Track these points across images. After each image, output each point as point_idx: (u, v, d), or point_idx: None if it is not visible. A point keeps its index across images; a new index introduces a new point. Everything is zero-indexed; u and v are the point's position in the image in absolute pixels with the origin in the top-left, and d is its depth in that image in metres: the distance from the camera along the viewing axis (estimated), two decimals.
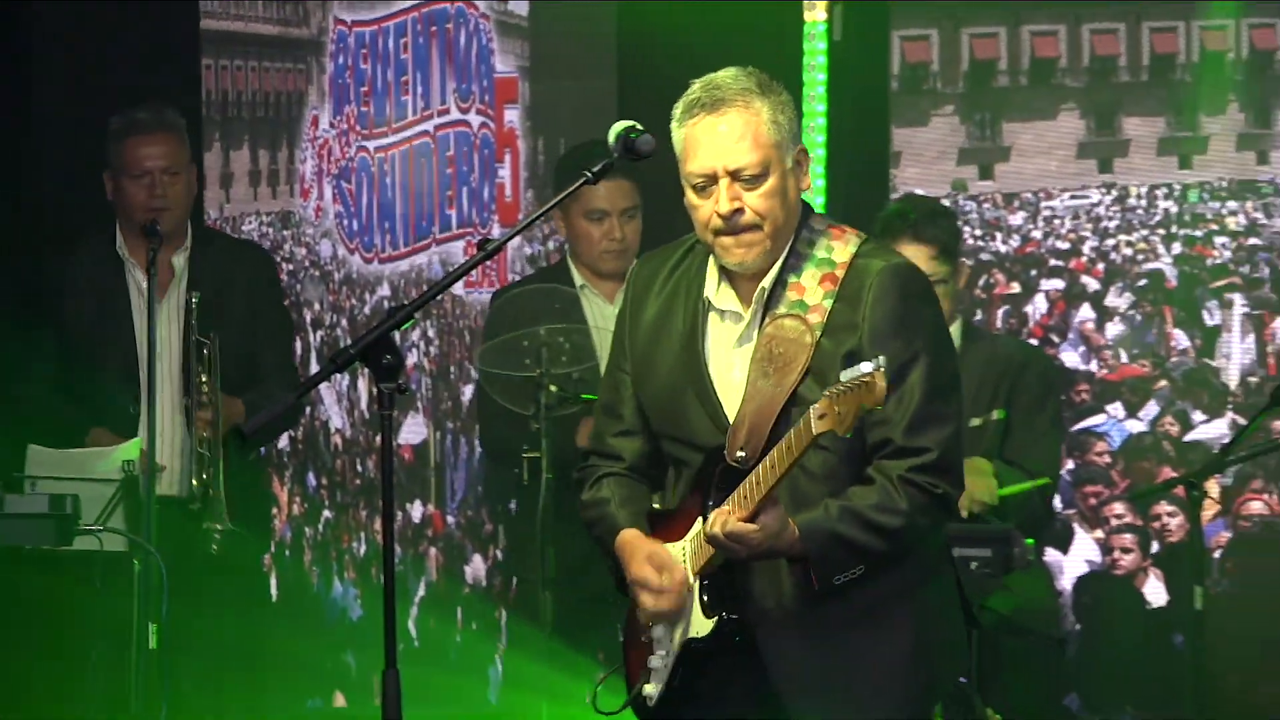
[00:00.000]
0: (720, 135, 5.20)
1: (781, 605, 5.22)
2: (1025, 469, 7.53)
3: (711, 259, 5.34)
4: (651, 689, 5.35)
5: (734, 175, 5.19)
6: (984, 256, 9.30)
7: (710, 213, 5.19)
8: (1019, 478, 7.46)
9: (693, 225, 5.32)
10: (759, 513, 5.03)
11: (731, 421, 5.22)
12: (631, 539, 5.31)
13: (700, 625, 5.24)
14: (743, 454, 5.15)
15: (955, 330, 7.53)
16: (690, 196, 5.25)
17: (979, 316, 8.15)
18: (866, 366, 4.86)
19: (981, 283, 9.13)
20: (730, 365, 5.29)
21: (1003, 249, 9.45)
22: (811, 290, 5.25)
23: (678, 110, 5.27)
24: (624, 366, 5.46)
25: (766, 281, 5.27)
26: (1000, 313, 9.38)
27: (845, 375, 4.88)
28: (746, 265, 5.24)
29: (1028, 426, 7.60)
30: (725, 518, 5.04)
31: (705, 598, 5.22)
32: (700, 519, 5.23)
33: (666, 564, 5.23)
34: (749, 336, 5.29)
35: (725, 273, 5.33)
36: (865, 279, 5.24)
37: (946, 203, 8.92)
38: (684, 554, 5.26)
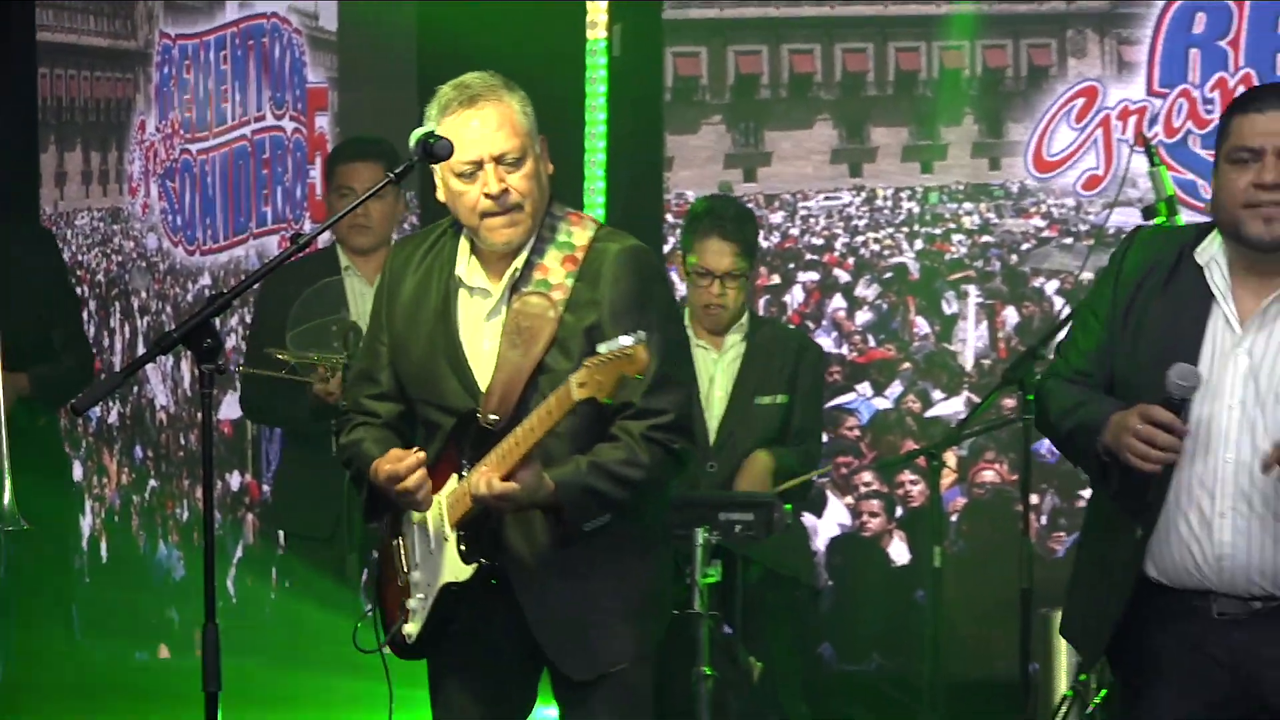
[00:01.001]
0: (481, 126, 5.26)
1: (534, 551, 5.29)
2: (806, 450, 7.61)
3: (462, 241, 5.41)
4: (411, 628, 5.39)
5: (498, 160, 5.25)
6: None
7: (478, 196, 5.25)
8: (792, 464, 7.51)
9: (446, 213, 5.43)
10: (518, 470, 5.10)
11: (484, 388, 5.28)
12: (377, 461, 5.32)
13: (459, 571, 5.27)
14: (495, 417, 5.22)
15: (745, 319, 7.65)
16: (455, 185, 5.30)
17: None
18: (627, 339, 4.94)
19: None
20: (481, 337, 5.35)
21: (765, 245, 9.47)
22: (554, 270, 5.32)
23: (433, 110, 5.32)
24: (381, 338, 5.48)
25: (519, 261, 5.33)
26: (762, 302, 9.43)
27: (604, 347, 4.95)
28: (512, 243, 5.30)
29: (808, 408, 7.66)
30: (489, 477, 5.10)
31: (463, 546, 5.27)
32: (456, 475, 5.29)
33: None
34: (498, 311, 5.35)
35: (476, 252, 5.39)
36: (604, 260, 5.33)
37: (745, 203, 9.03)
38: (441, 507, 5.31)
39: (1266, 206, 4.89)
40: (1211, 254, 5.02)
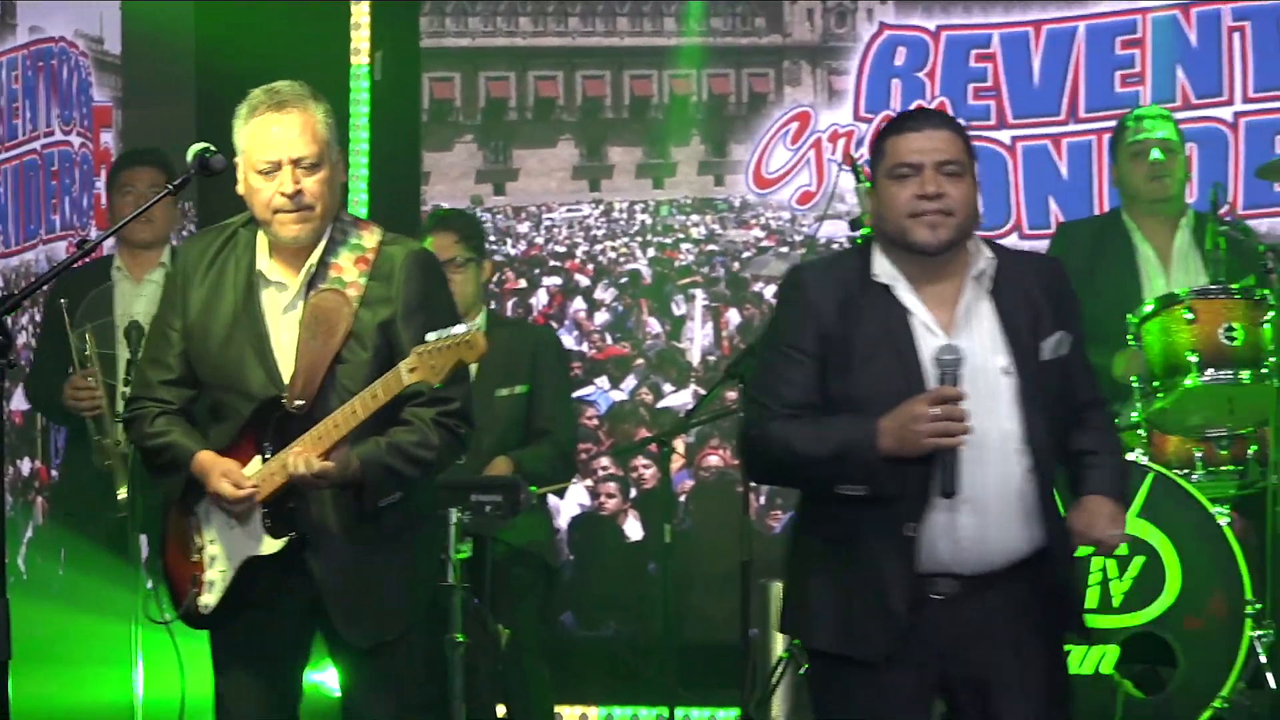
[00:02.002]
0: (284, 130, 5.23)
1: (328, 526, 5.28)
2: (555, 440, 7.59)
3: (260, 238, 5.36)
4: (208, 600, 5.34)
5: (296, 163, 5.22)
6: (498, 258, 9.31)
7: (274, 193, 5.22)
8: (540, 466, 7.40)
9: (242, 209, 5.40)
10: (334, 450, 5.13)
11: (286, 377, 5.26)
12: (208, 458, 5.28)
13: (266, 545, 5.25)
14: (301, 403, 5.20)
15: (481, 317, 7.67)
16: (253, 181, 5.26)
17: (493, 306, 8.26)
18: (461, 328, 5.03)
19: (496, 279, 9.18)
20: (280, 328, 5.31)
21: (512, 252, 9.55)
22: (348, 269, 5.31)
23: (243, 110, 5.29)
24: (173, 324, 5.40)
25: (314, 258, 5.31)
26: (510, 304, 9.48)
27: (433, 335, 5.03)
28: (300, 239, 5.28)
29: (553, 396, 7.67)
30: (307, 456, 5.11)
31: (269, 522, 5.24)
32: (259, 457, 5.26)
33: (240, 480, 5.21)
34: (294, 305, 5.31)
35: (274, 250, 5.35)
36: (395, 261, 5.32)
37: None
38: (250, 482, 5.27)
39: (930, 215, 4.93)
40: (888, 272, 5.02)
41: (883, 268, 5.04)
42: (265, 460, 5.28)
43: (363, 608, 5.35)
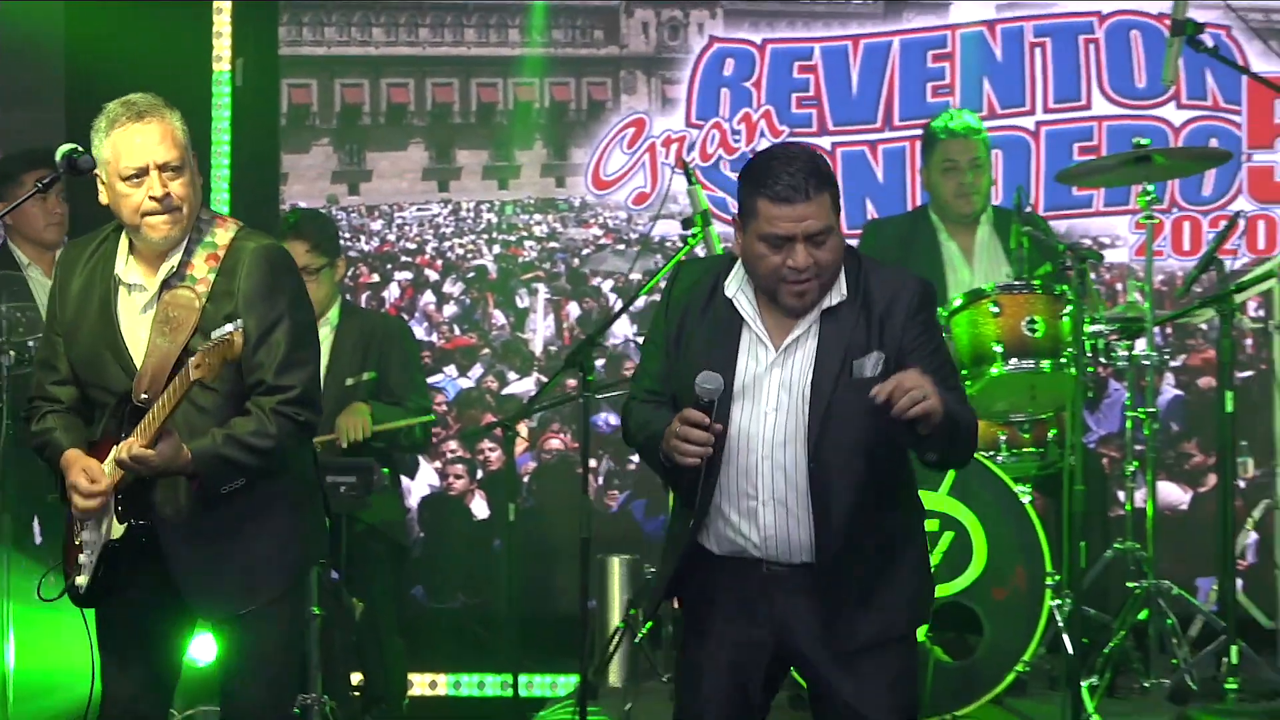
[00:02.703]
0: (146, 138, 5.21)
1: (179, 512, 5.26)
2: (406, 408, 7.61)
3: (121, 242, 5.35)
4: (81, 580, 5.34)
5: (161, 168, 5.20)
6: (352, 254, 9.29)
7: (143, 198, 5.20)
8: (398, 415, 7.52)
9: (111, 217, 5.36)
10: (157, 440, 5.09)
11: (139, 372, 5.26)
12: (72, 456, 5.28)
13: (115, 530, 5.25)
14: (145, 397, 5.17)
15: (335, 310, 7.65)
16: (120, 188, 5.23)
17: (349, 298, 8.23)
18: (228, 327, 5.00)
19: (351, 274, 9.13)
20: (138, 327, 5.29)
21: (366, 248, 9.50)
22: (199, 266, 5.28)
23: (102, 123, 5.25)
24: (56, 329, 5.40)
25: (173, 260, 5.29)
26: (364, 297, 9.43)
27: (215, 334, 5.01)
28: (170, 239, 5.25)
29: (404, 380, 7.67)
30: (129, 445, 5.10)
31: (119, 508, 5.24)
32: (116, 446, 5.26)
33: (97, 475, 5.22)
34: (152, 305, 5.29)
35: (134, 252, 5.33)
36: (241, 256, 5.30)
37: (324, 211, 9.01)
38: (106, 473, 5.25)
39: (798, 285, 4.90)
40: (739, 286, 5.02)
41: (733, 283, 5.04)
42: None
43: (214, 583, 5.32)
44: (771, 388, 4.97)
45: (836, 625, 5.01)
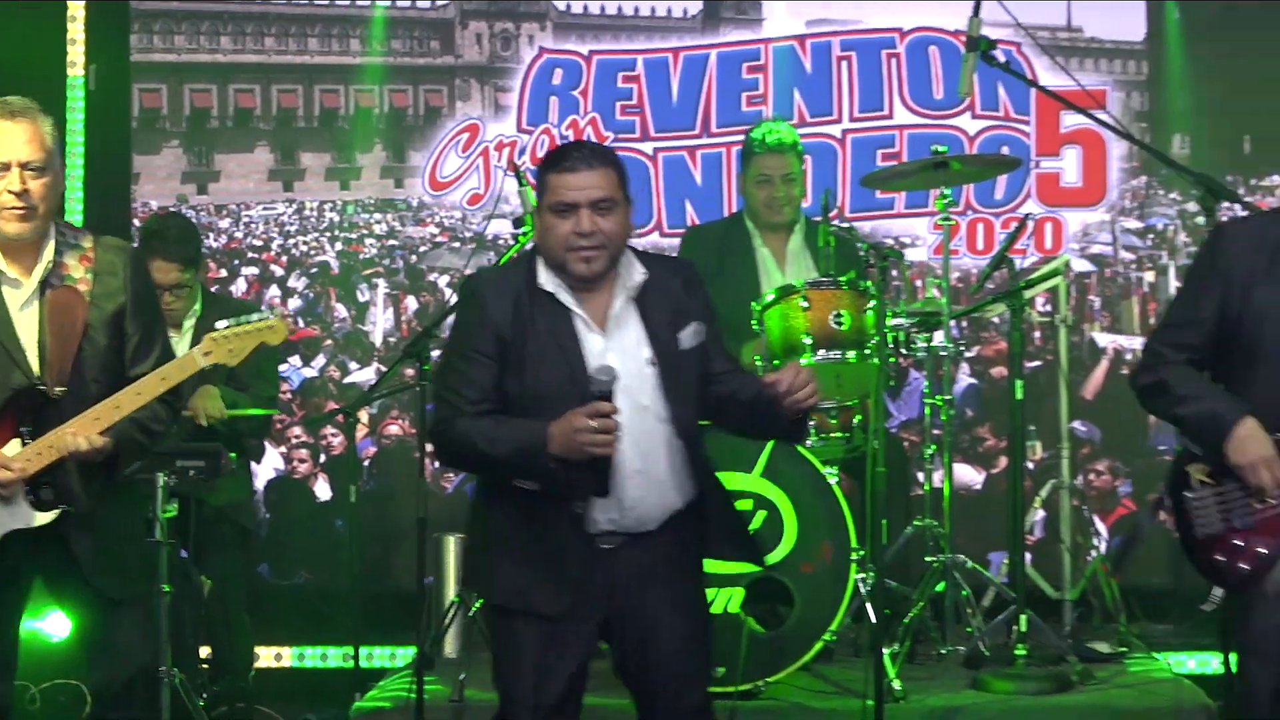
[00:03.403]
0: (15, 135, 5.23)
1: (88, 500, 5.26)
2: (253, 397, 7.54)
3: None
4: None
5: (24, 165, 5.20)
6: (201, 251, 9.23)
7: (2, 191, 5.20)
8: (249, 402, 7.45)
9: None
10: (110, 429, 5.14)
11: (35, 368, 5.21)
12: None
13: (31, 517, 5.21)
14: (61, 389, 5.19)
15: (198, 307, 7.59)
16: None
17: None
18: (259, 316, 5.24)
19: None
20: (20, 323, 5.27)
21: (215, 245, 9.39)
22: (75, 267, 5.30)
23: None
24: None
25: (47, 258, 5.29)
26: (213, 291, 9.34)
27: (230, 322, 5.21)
28: (21, 236, 5.25)
29: (253, 368, 7.60)
30: (88, 434, 5.13)
31: (34, 496, 5.20)
32: (17, 440, 5.21)
33: (7, 463, 5.18)
34: (31, 302, 5.27)
35: (6, 249, 5.30)
36: (118, 258, 5.35)
37: (185, 218, 8.88)
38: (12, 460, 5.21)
39: (585, 250, 4.99)
40: (552, 281, 5.06)
41: (547, 278, 5.08)
42: (25, 443, 5.23)
43: (111, 563, 5.34)
44: (615, 367, 4.99)
45: (668, 574, 5.09)
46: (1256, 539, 5.22)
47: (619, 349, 5.03)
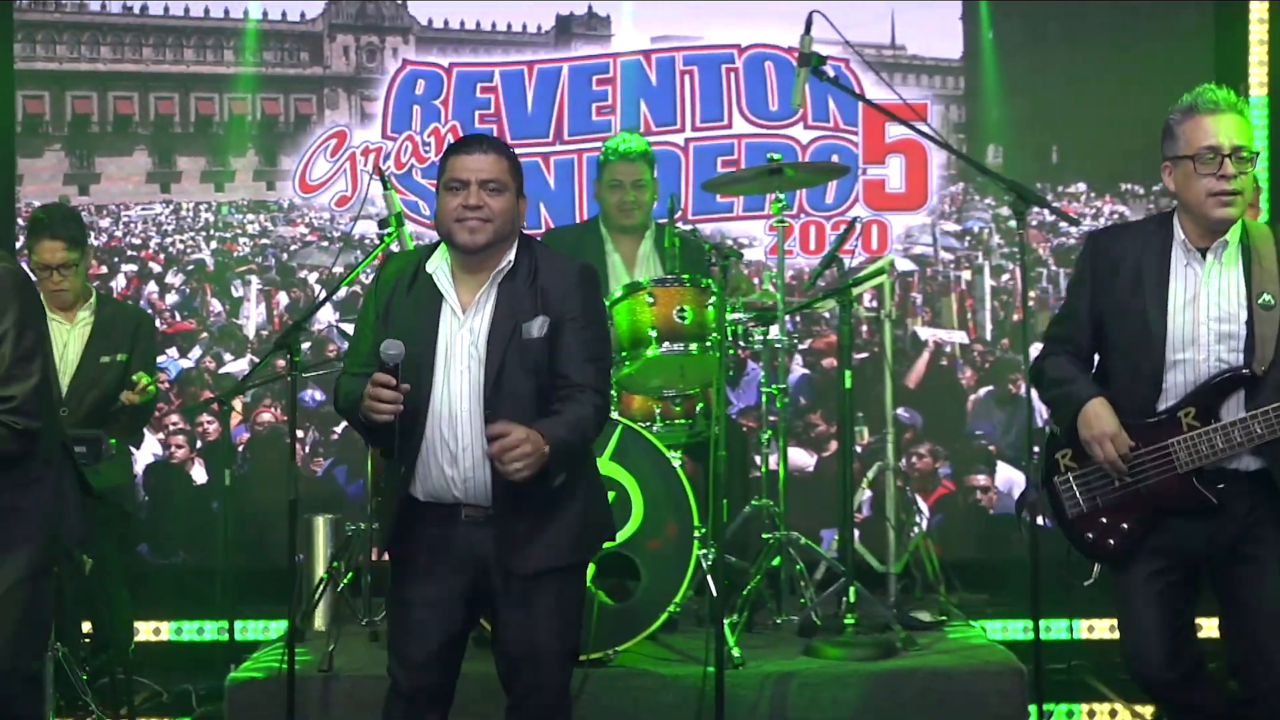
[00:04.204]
0: None
1: None
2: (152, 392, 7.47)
3: None
4: None
5: None
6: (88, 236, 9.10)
7: None
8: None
9: None
10: None
11: None
12: None
13: None
14: None
15: (94, 298, 7.52)
16: None
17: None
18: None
19: None
20: None
21: (96, 243, 9.16)
22: None
23: None
24: None
25: None
26: (94, 287, 9.19)
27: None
28: None
29: (141, 366, 7.53)
30: None
31: None
32: None
33: None
34: None
35: None
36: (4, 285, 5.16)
37: (69, 206, 8.73)
38: None
39: (470, 222, 5.06)
40: (438, 264, 5.16)
41: (436, 261, 5.18)
42: None
43: None
44: (463, 348, 5.07)
45: (512, 558, 5.07)
46: (1119, 516, 5.31)
47: (469, 330, 5.09)
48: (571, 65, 9.28)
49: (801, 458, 9.20)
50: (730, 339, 7.25)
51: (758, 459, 7.72)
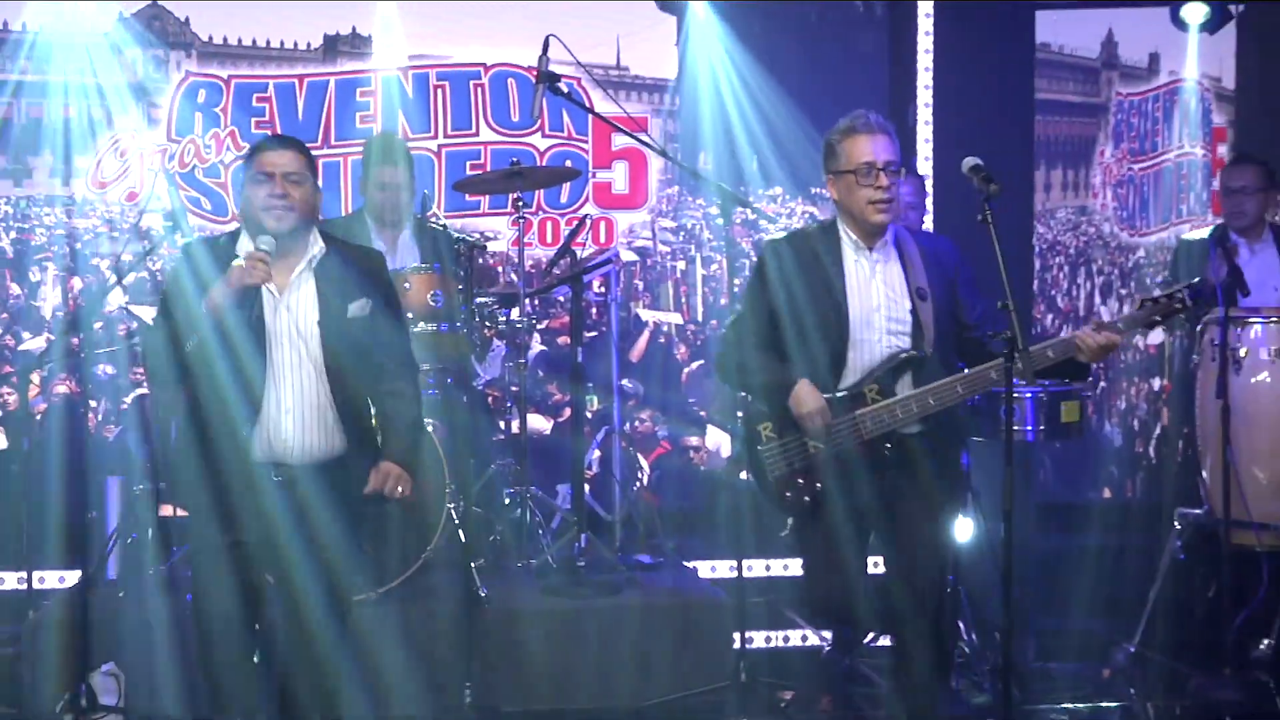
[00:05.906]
0: None
1: None
2: None
3: None
4: None
5: None
6: None
7: None
8: None
9: None
10: None
11: None
12: None
13: None
14: None
15: None
16: None
17: None
18: None
19: None
20: None
21: None
22: None
23: None
24: None
25: None
26: None
27: None
28: None
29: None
30: None
31: None
32: None
33: None
34: None
35: None
36: None
37: None
38: None
39: (275, 209, 5.03)
40: (247, 249, 5.07)
41: (246, 247, 5.10)
42: None
43: None
44: (284, 327, 5.03)
45: (319, 511, 5.07)
46: (813, 477, 5.38)
47: (288, 307, 5.05)
48: (338, 79, 9.13)
49: (539, 423, 9.19)
50: (478, 320, 7.20)
51: (502, 424, 7.70)
